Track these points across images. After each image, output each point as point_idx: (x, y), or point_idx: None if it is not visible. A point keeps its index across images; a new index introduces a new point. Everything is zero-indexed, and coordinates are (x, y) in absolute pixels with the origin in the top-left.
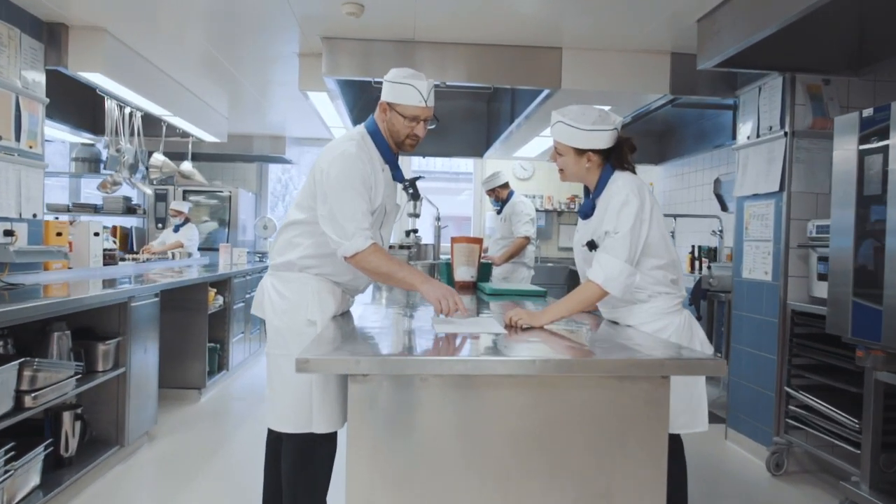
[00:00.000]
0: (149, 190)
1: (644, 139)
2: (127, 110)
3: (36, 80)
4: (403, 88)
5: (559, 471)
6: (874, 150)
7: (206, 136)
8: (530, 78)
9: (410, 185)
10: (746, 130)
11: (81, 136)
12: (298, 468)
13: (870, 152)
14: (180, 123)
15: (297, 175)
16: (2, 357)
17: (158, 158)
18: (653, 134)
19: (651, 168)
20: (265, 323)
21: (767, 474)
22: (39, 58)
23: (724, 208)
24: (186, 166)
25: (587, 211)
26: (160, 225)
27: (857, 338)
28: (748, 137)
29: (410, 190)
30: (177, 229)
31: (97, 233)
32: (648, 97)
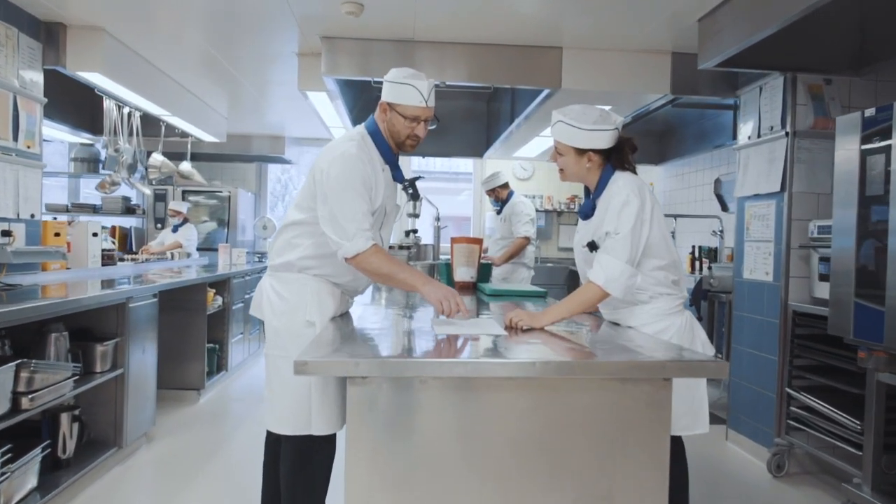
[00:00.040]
0: (147, 190)
1: (644, 139)
2: (125, 110)
3: (34, 80)
4: (404, 88)
5: (560, 473)
6: (876, 150)
7: (206, 136)
8: (530, 78)
9: (410, 186)
10: (747, 130)
11: (80, 136)
12: (297, 470)
13: (872, 152)
14: (179, 123)
15: (297, 175)
16: None
17: (157, 158)
18: (653, 134)
19: (651, 168)
20: (264, 324)
21: (768, 476)
22: (37, 57)
23: (725, 208)
24: (185, 166)
25: (587, 211)
26: (159, 225)
27: (859, 339)
28: (749, 137)
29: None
30: (175, 229)
31: (95, 233)
32: (649, 97)
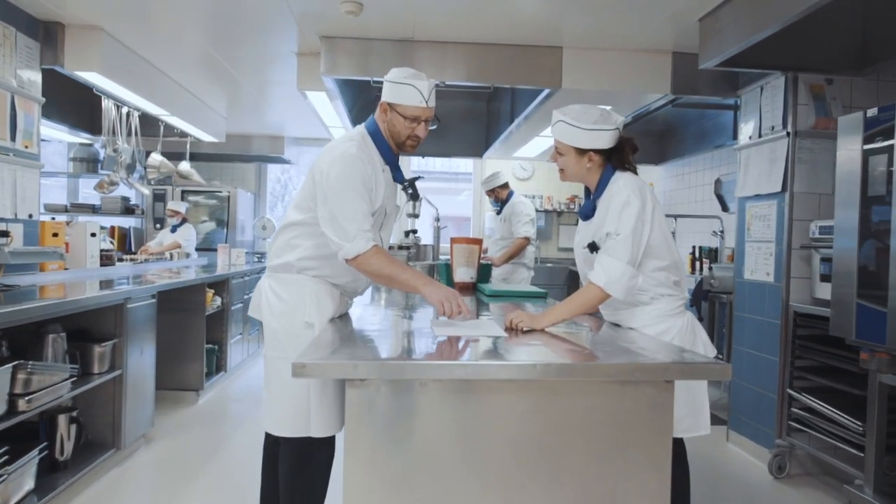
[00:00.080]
0: (146, 190)
1: (644, 139)
2: (124, 110)
3: (32, 80)
4: (404, 88)
5: (561, 477)
6: (879, 150)
7: (205, 136)
8: (530, 77)
9: (409, 186)
10: (748, 130)
11: (79, 136)
12: (296, 472)
13: (874, 152)
14: (178, 123)
15: (297, 175)
16: None
17: (156, 158)
18: (653, 134)
19: (651, 168)
20: (263, 325)
21: (769, 477)
22: (35, 57)
23: (725, 209)
24: (184, 166)
25: (588, 212)
26: (158, 225)
27: (862, 340)
28: (750, 137)
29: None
30: (174, 230)
31: (94, 233)
32: (649, 97)
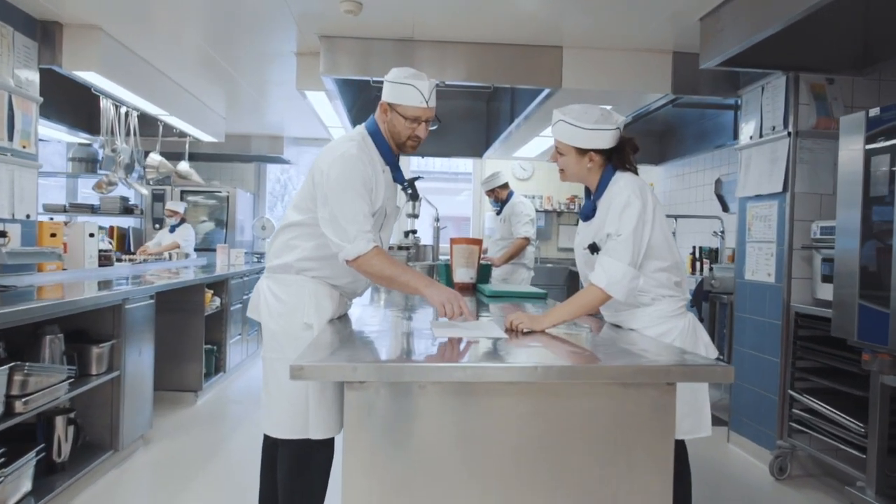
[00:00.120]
0: (145, 190)
1: (644, 139)
2: (123, 110)
3: (29, 79)
4: (404, 89)
5: (562, 480)
6: (881, 150)
7: (204, 136)
8: (530, 77)
9: (409, 186)
10: (749, 130)
11: (78, 136)
12: (295, 475)
13: (876, 152)
14: (177, 123)
15: (296, 175)
16: None
17: (155, 158)
18: (653, 134)
19: (651, 168)
20: (261, 326)
21: (771, 478)
22: (33, 56)
23: (726, 209)
24: (183, 166)
25: (588, 213)
26: (157, 225)
27: (864, 341)
28: (751, 137)
29: (409, 190)
30: (172, 230)
31: (92, 234)
32: (650, 97)
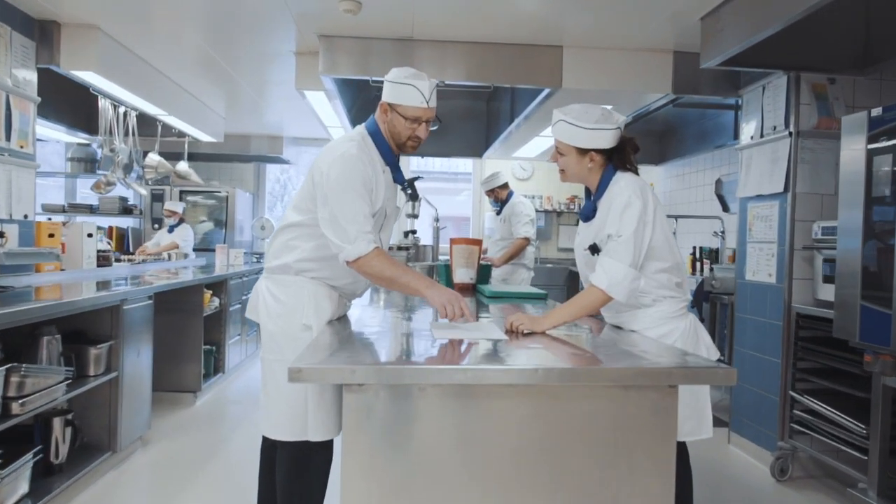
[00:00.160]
0: (143, 190)
1: (644, 139)
2: (121, 110)
3: (27, 79)
4: (404, 89)
5: (563, 483)
6: (883, 150)
7: (203, 136)
8: (530, 77)
9: (409, 186)
10: (750, 130)
11: (77, 136)
12: (293, 477)
13: (879, 152)
14: (176, 123)
15: (296, 175)
16: None
17: (154, 158)
18: (653, 134)
19: (651, 168)
20: (260, 327)
21: (772, 480)
22: (31, 56)
23: (726, 209)
24: (182, 166)
25: (588, 213)
26: (156, 225)
27: (866, 342)
28: (752, 137)
29: (409, 190)
30: (171, 230)
31: (91, 234)
32: (650, 96)
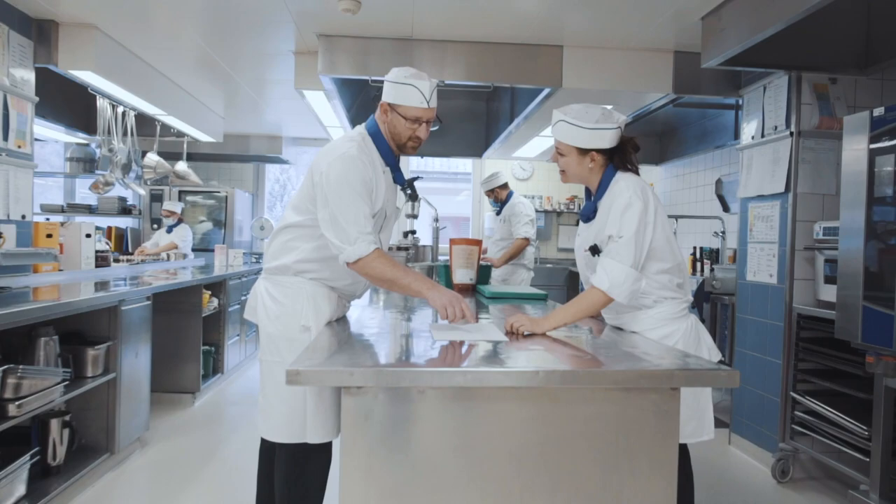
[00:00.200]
0: (142, 190)
1: (645, 139)
2: (120, 109)
3: (25, 79)
4: (405, 89)
5: (563, 486)
6: (886, 150)
7: (202, 136)
8: (530, 76)
9: (408, 186)
10: (751, 130)
11: (76, 136)
12: (292, 479)
13: (881, 152)
14: (175, 123)
15: (296, 175)
16: None
17: (152, 158)
18: (653, 134)
19: (652, 168)
20: (258, 328)
21: (773, 481)
22: (28, 55)
23: (726, 209)
24: (181, 166)
25: (589, 214)
26: (155, 226)
27: (868, 343)
28: (752, 137)
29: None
30: (170, 230)
31: (89, 234)
32: (651, 96)
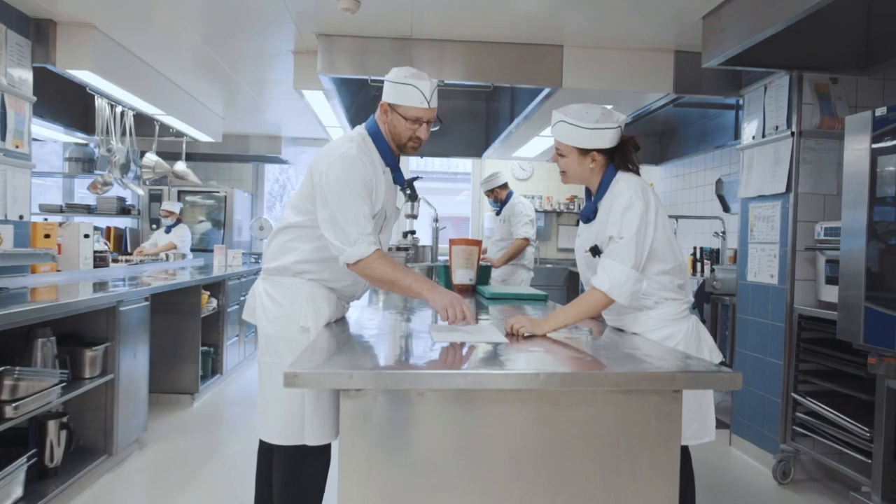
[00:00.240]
0: (140, 190)
1: (645, 139)
2: (118, 109)
3: (22, 78)
4: (405, 89)
5: (564, 489)
6: (888, 150)
7: (201, 136)
8: (530, 76)
9: (408, 186)
10: (752, 130)
11: (74, 136)
12: (290, 481)
13: (883, 152)
14: (174, 123)
15: (295, 175)
16: None
17: (151, 158)
18: (653, 134)
19: (652, 168)
20: (257, 329)
21: (774, 482)
22: (26, 55)
23: (727, 209)
24: (180, 166)
25: (589, 214)
26: (154, 226)
27: (870, 344)
28: (753, 137)
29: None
30: (168, 230)
31: (87, 234)
32: (651, 96)
